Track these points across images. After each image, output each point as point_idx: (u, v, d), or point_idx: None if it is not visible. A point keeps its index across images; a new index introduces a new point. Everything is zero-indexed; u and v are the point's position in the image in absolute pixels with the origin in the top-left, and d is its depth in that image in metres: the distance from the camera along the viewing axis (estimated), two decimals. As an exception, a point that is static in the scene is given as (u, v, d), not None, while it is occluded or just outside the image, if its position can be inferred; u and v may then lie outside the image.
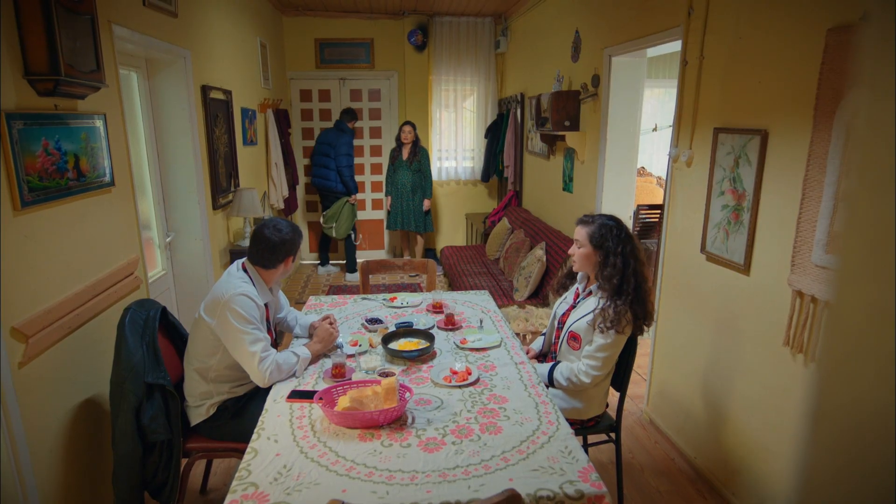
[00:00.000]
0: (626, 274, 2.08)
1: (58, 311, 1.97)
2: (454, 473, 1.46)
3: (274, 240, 2.10)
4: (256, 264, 2.14)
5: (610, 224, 2.16)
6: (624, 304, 2.07)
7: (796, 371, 2.05)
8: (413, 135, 5.80)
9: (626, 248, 2.11)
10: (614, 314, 2.06)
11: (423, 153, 5.87)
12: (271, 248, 2.10)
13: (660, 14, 2.95)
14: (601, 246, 2.13)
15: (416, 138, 5.86)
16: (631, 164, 3.83)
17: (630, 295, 2.07)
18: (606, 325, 2.07)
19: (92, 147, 2.20)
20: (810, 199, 1.95)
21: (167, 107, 3.27)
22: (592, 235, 2.15)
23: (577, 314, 2.23)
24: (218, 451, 2.11)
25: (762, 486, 2.26)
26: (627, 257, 2.10)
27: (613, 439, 2.37)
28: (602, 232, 2.13)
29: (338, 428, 1.67)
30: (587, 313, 2.17)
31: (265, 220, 2.23)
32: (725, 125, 2.42)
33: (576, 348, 2.21)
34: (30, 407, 1.82)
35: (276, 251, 2.11)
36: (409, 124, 5.82)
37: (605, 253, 2.12)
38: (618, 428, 2.35)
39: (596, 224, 2.16)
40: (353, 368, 2.07)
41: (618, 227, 2.16)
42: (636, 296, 2.09)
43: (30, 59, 1.84)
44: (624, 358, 2.25)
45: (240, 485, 1.41)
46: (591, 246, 2.15)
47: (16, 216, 1.78)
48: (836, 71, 1.83)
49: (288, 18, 6.09)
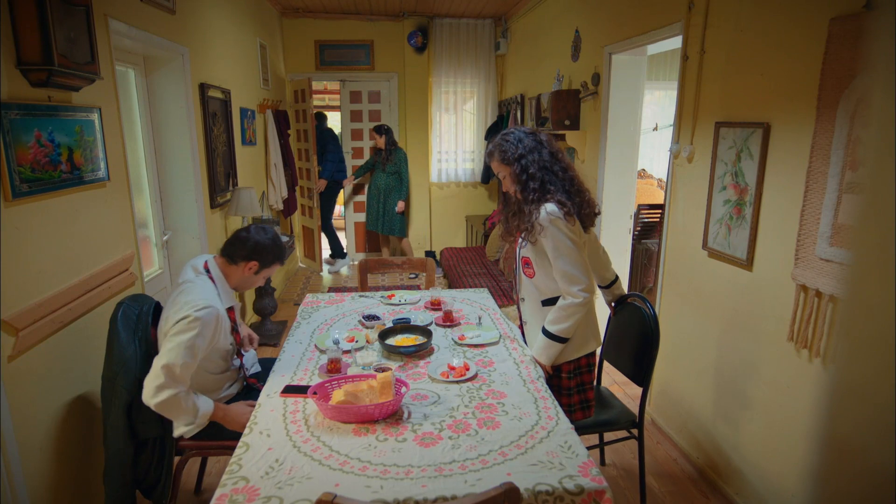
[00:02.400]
0: (529, 175, 1.98)
1: (50, 305, 1.94)
2: (450, 468, 1.42)
3: (247, 236, 2.04)
4: (223, 254, 2.07)
5: (504, 137, 2.05)
6: (530, 205, 1.98)
7: (801, 367, 2.01)
8: (383, 140, 5.80)
9: (523, 149, 1.99)
10: (527, 219, 1.97)
11: (399, 156, 5.85)
12: (241, 242, 2.04)
13: (660, 10, 2.93)
14: (509, 163, 2.02)
15: (390, 141, 5.83)
16: (631, 163, 3.80)
17: (536, 192, 1.97)
18: (530, 238, 1.99)
19: (86, 140, 2.18)
20: (814, 192, 1.91)
21: (165, 104, 3.25)
22: (500, 157, 2.04)
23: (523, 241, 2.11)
24: (212, 448, 2.07)
25: (766, 485, 2.21)
26: (527, 156, 1.98)
27: (636, 436, 2.33)
28: (503, 148, 2.03)
29: (332, 422, 1.64)
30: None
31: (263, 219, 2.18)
32: (727, 119, 2.39)
33: (531, 275, 2.11)
34: (19, 402, 1.79)
35: (243, 246, 2.03)
36: (375, 129, 5.89)
37: (510, 166, 2.01)
38: (640, 424, 2.31)
39: (495, 146, 2.05)
40: (348, 364, 2.03)
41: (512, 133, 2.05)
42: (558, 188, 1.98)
43: (23, 49, 1.82)
44: (645, 351, 2.22)
45: (230, 479, 1.37)
46: (506, 167, 2.04)
47: (7, 207, 1.75)
48: (839, 61, 1.80)
49: (287, 20, 6.09)
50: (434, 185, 6.72)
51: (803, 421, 2.02)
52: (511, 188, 2.07)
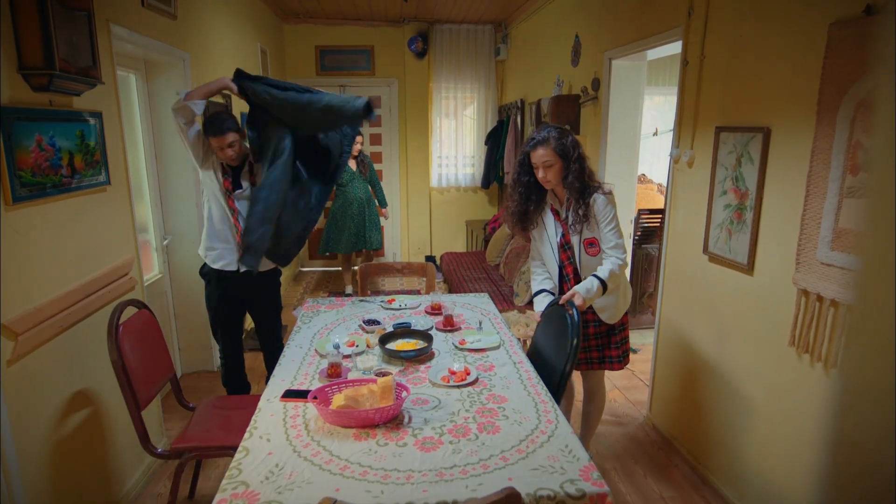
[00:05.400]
0: (587, 172, 2.26)
1: (49, 310, 1.93)
2: (451, 473, 1.42)
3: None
4: None
5: (560, 133, 2.26)
6: (588, 196, 2.25)
7: (802, 371, 2.00)
8: (360, 143, 5.22)
9: (580, 150, 2.26)
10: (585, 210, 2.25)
11: (369, 161, 5.36)
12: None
13: (660, 15, 2.94)
14: (566, 156, 2.23)
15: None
16: (631, 168, 3.81)
17: (589, 187, 2.26)
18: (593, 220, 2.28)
19: (87, 145, 2.18)
20: (814, 196, 1.91)
21: (166, 110, 3.25)
22: (557, 149, 2.22)
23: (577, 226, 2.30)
24: (211, 449, 2.07)
25: (768, 490, 2.20)
26: (583, 157, 2.26)
27: None
28: (562, 142, 2.23)
29: (332, 427, 1.63)
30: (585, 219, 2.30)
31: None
32: (727, 124, 2.40)
33: (595, 253, 2.33)
34: (17, 406, 1.78)
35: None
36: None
37: (567, 161, 2.24)
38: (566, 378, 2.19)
39: (552, 138, 2.24)
40: (349, 368, 2.03)
41: (568, 133, 2.28)
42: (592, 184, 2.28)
43: (24, 54, 1.82)
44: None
45: (230, 483, 1.37)
46: (559, 160, 2.23)
47: (7, 211, 1.75)
48: (838, 66, 1.80)
49: (288, 25, 6.11)
50: (434, 190, 6.72)
51: (805, 426, 2.01)
52: (553, 180, 2.27)
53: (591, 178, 2.28)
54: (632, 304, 4.28)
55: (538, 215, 2.40)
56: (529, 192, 2.34)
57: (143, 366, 2.11)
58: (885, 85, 0.43)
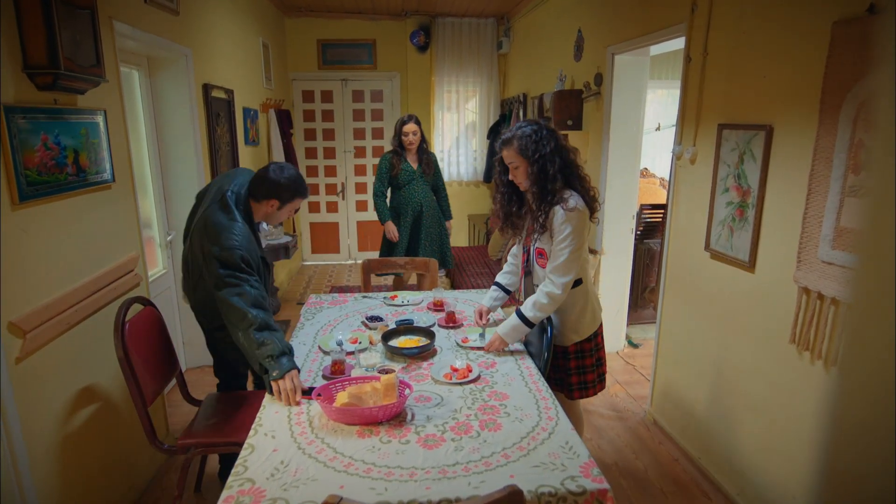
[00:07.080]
0: (549, 175, 2.01)
1: (56, 307, 1.95)
2: (454, 470, 1.44)
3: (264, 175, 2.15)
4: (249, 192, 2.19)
5: (527, 131, 2.05)
6: (549, 205, 2.03)
7: (803, 369, 2.02)
8: (420, 135, 4.10)
9: (546, 149, 2.02)
10: (542, 218, 2.04)
11: (434, 160, 4.25)
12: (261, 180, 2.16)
13: (663, 11, 2.93)
14: (528, 156, 2.03)
15: (424, 140, 4.18)
16: (634, 163, 3.81)
17: (556, 193, 2.02)
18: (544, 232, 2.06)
19: (92, 143, 2.19)
20: (816, 194, 1.92)
21: (169, 105, 3.26)
22: (520, 150, 2.04)
23: (535, 234, 2.15)
24: (217, 445, 2.09)
25: (768, 486, 2.22)
26: (549, 158, 2.01)
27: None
28: (524, 143, 2.03)
29: (336, 424, 1.65)
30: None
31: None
32: (730, 121, 2.40)
33: (544, 265, 2.13)
34: (27, 403, 1.80)
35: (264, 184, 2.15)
36: (413, 121, 4.07)
37: (530, 162, 2.04)
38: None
39: (516, 137, 2.06)
40: (352, 365, 2.05)
41: (537, 130, 2.06)
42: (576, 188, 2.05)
43: (29, 53, 1.83)
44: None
45: (236, 480, 1.39)
46: (524, 161, 2.05)
47: (14, 210, 1.76)
48: (841, 64, 1.80)
49: (290, 19, 6.09)
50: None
51: (805, 423, 2.03)
52: (523, 182, 2.10)
53: (555, 183, 2.02)
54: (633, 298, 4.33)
55: (526, 217, 2.22)
56: (511, 191, 2.21)
57: (149, 363, 2.13)
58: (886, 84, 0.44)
